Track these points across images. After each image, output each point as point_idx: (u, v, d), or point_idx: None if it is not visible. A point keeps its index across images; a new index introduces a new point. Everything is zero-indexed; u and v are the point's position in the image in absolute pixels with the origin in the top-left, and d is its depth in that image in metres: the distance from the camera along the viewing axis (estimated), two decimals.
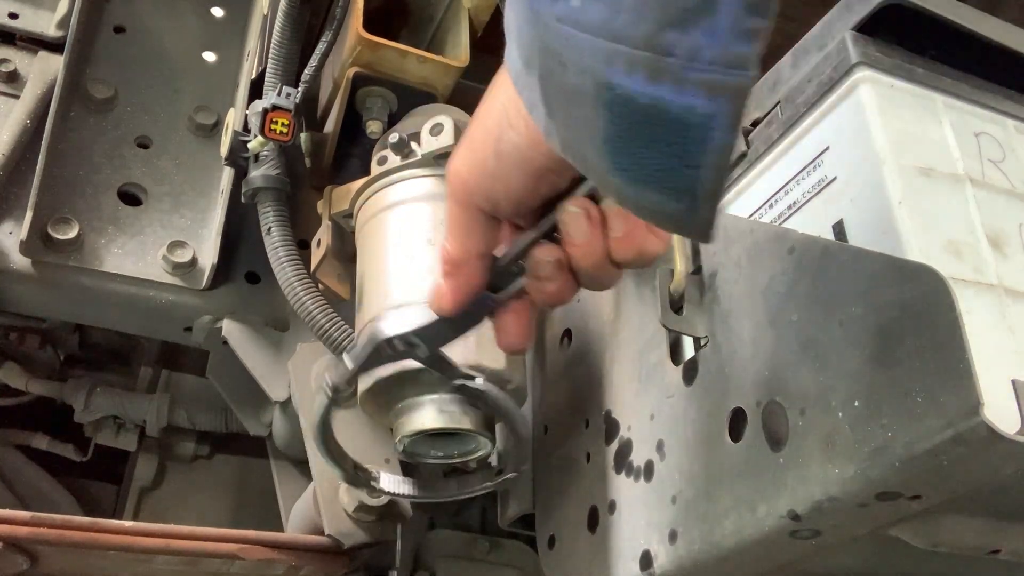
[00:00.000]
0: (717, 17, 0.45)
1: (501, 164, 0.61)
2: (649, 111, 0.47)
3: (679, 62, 0.45)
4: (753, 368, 0.76)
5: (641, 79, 0.46)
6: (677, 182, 0.49)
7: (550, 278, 0.66)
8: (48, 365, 1.48)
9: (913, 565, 0.80)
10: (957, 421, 0.56)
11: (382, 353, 0.74)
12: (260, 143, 1.08)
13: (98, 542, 1.00)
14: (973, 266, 0.70)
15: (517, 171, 0.61)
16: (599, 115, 0.49)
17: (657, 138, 0.48)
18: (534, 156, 0.60)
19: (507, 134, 0.60)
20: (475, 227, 0.67)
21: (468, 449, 0.92)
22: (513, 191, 0.63)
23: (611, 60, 0.47)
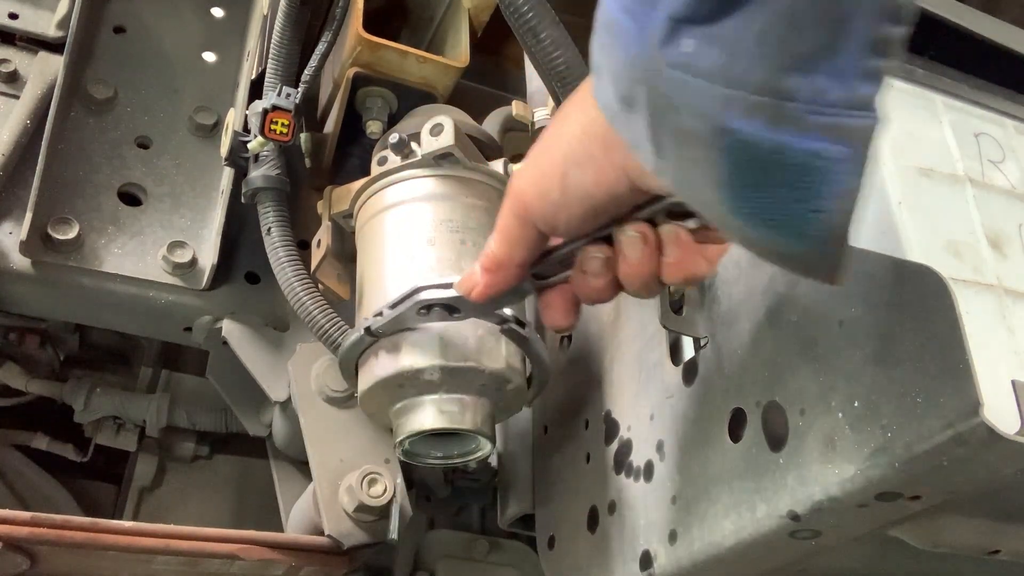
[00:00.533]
0: (840, 59, 0.44)
1: (565, 197, 0.63)
2: (771, 156, 0.46)
3: (802, 106, 0.45)
4: (753, 368, 0.76)
5: (761, 124, 0.46)
6: (803, 226, 0.48)
7: (596, 274, 0.68)
8: (48, 365, 1.47)
9: (913, 565, 0.80)
10: (957, 421, 0.57)
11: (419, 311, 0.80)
12: (260, 143, 1.08)
13: (98, 542, 0.99)
14: (973, 266, 0.70)
15: (580, 205, 0.63)
16: (717, 159, 0.48)
17: (780, 182, 0.47)
18: (597, 194, 0.62)
19: (573, 171, 0.62)
20: (525, 240, 0.69)
21: (468, 449, 0.92)
22: (574, 220, 0.65)
23: (728, 105, 0.46)
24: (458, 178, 0.98)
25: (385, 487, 1.08)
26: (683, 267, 0.64)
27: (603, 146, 0.59)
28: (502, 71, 1.57)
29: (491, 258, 0.71)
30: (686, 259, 0.64)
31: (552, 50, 0.87)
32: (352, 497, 1.07)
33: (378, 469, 1.09)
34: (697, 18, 0.46)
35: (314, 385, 1.16)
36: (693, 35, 0.46)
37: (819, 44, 0.44)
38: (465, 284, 0.75)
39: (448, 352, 0.86)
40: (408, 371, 0.87)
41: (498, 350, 0.89)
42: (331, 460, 1.11)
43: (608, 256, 0.67)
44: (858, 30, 0.44)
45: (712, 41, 0.46)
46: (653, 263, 0.65)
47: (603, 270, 0.67)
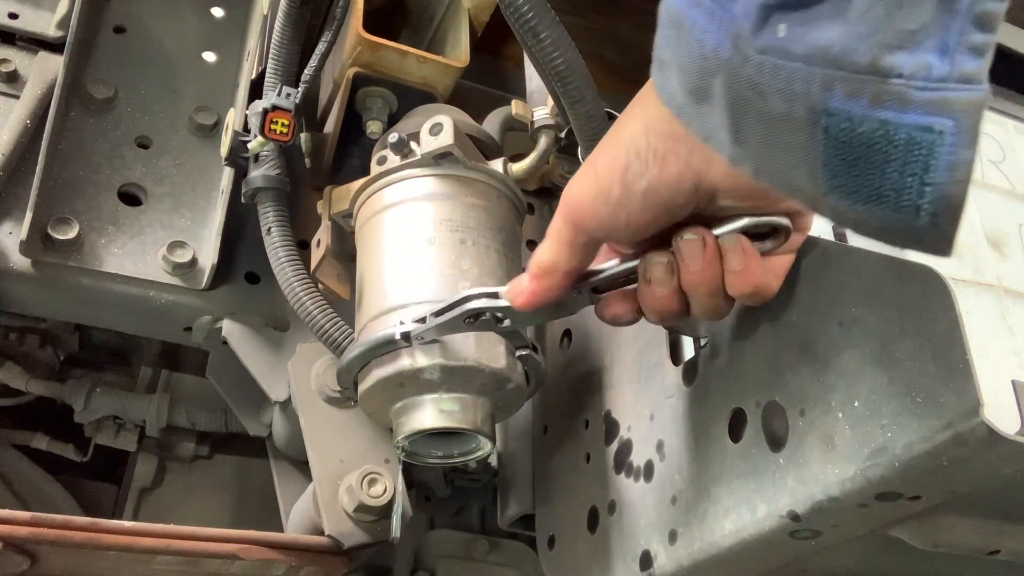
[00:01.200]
0: (946, 34, 0.44)
1: (626, 194, 0.62)
2: (877, 133, 0.46)
3: (908, 83, 0.45)
4: (753, 368, 0.76)
5: (864, 103, 0.46)
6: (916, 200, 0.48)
7: (660, 281, 0.67)
8: (48, 365, 1.47)
9: (913, 566, 0.80)
10: (957, 421, 0.56)
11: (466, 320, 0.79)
12: (260, 143, 1.08)
13: (98, 542, 0.99)
14: (973, 266, 0.70)
15: (642, 203, 0.62)
16: (815, 141, 0.48)
17: (889, 159, 0.47)
18: (660, 190, 0.61)
19: (635, 165, 0.61)
20: (576, 248, 0.68)
21: (468, 449, 0.92)
22: (633, 220, 0.64)
23: (829, 86, 0.46)
24: (457, 177, 0.98)
25: (385, 487, 1.08)
26: (749, 278, 0.64)
27: (668, 139, 0.59)
28: (502, 71, 1.57)
29: (539, 264, 0.70)
30: (751, 269, 0.64)
31: (552, 50, 0.87)
32: (352, 497, 1.07)
33: (378, 469, 1.09)
34: (791, 3, 0.47)
35: (314, 385, 1.16)
36: (787, 20, 0.47)
37: (924, 20, 0.44)
38: (512, 291, 0.74)
39: (448, 351, 0.86)
40: (408, 370, 0.87)
41: (498, 350, 0.89)
42: (331, 460, 1.11)
43: (671, 261, 0.66)
44: (962, 6, 0.44)
45: (809, 24, 0.46)
46: (715, 270, 0.64)
47: (666, 276, 0.66)
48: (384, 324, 0.90)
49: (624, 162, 0.62)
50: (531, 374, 0.93)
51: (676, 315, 0.69)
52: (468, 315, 0.78)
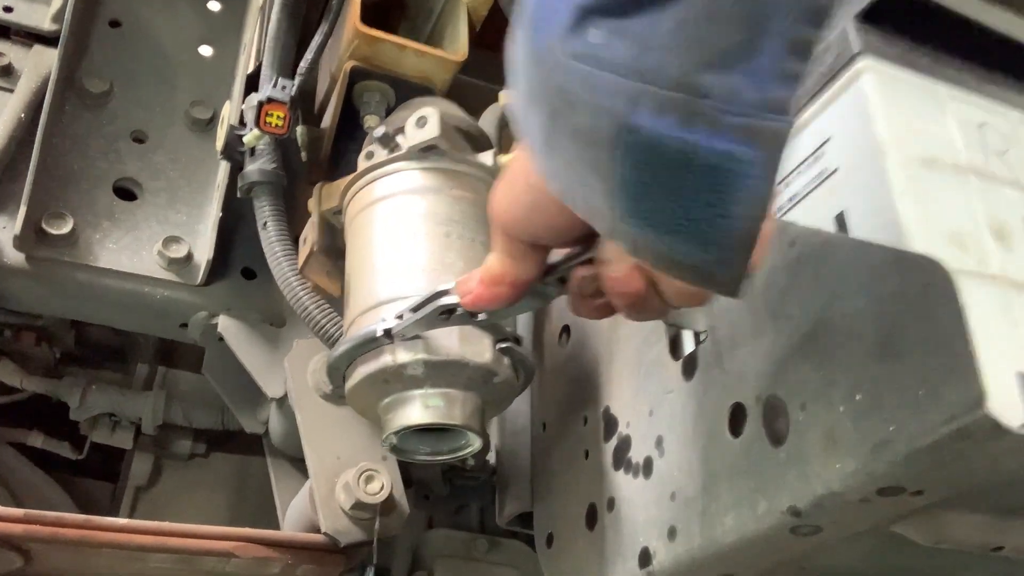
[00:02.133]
0: (759, 58, 0.42)
1: (535, 196, 0.59)
2: (678, 156, 0.44)
3: (716, 104, 0.43)
4: (753, 363, 0.75)
5: (672, 122, 0.44)
6: (707, 232, 0.46)
7: (618, 258, 0.61)
8: (44, 362, 1.46)
9: (914, 562, 0.79)
10: (960, 414, 0.56)
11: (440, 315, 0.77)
12: (256, 136, 1.07)
13: (92, 540, 0.99)
14: (977, 258, 0.69)
15: (552, 203, 0.58)
16: (615, 159, 0.46)
17: (686, 185, 0.45)
18: None
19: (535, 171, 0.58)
20: (515, 257, 0.65)
21: (457, 445, 0.91)
22: (554, 223, 0.60)
23: (637, 101, 0.44)
24: (444, 170, 0.97)
25: (382, 484, 1.07)
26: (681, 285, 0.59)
27: None
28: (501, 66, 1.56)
29: (488, 272, 0.67)
30: None
31: None
32: (349, 494, 1.06)
33: (375, 466, 1.08)
34: (609, 9, 0.44)
35: (311, 381, 1.15)
36: (603, 26, 0.44)
37: (737, 42, 0.42)
38: (460, 288, 0.72)
39: (431, 346, 0.85)
40: (391, 367, 0.86)
41: (483, 344, 0.87)
42: (328, 457, 1.10)
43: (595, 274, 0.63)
44: (777, 30, 0.42)
45: (624, 33, 0.44)
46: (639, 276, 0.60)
47: (621, 253, 0.61)
48: (371, 320, 0.89)
49: (527, 163, 0.58)
50: (518, 367, 0.92)
51: (644, 298, 0.62)
52: (442, 310, 0.76)
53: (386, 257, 0.93)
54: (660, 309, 0.64)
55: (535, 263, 0.66)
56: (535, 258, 0.66)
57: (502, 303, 0.68)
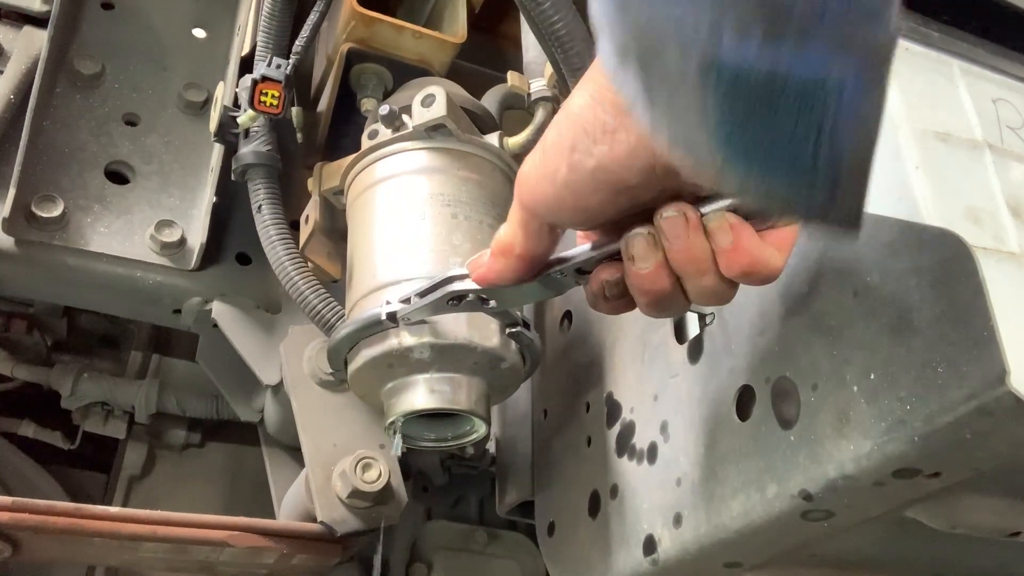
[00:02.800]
0: None
1: (574, 175, 0.56)
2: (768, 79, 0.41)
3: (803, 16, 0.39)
4: (762, 344, 0.73)
5: (757, 42, 0.40)
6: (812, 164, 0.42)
7: (643, 257, 0.59)
8: (35, 351, 1.45)
9: (928, 548, 0.77)
10: (981, 391, 0.54)
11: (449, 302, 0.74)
12: (250, 117, 1.05)
13: (82, 528, 0.97)
14: (993, 234, 0.67)
15: (591, 184, 0.55)
16: (707, 95, 0.43)
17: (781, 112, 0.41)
18: (611, 169, 0.54)
19: (582, 142, 0.55)
20: (530, 231, 0.62)
21: (462, 431, 0.89)
22: (583, 203, 0.57)
23: (719, 26, 0.41)
24: (450, 150, 0.95)
25: (380, 472, 1.05)
26: (741, 256, 0.56)
27: (617, 112, 0.52)
28: (499, 51, 1.54)
29: (497, 242, 0.65)
30: (743, 246, 0.56)
31: (552, 13, 0.84)
32: (346, 483, 1.04)
33: (372, 454, 1.06)
34: None
35: (307, 368, 1.13)
36: None
37: None
38: (472, 264, 0.69)
39: (438, 330, 0.83)
40: (397, 350, 0.84)
41: (491, 328, 0.86)
42: (324, 445, 1.08)
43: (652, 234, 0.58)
44: None
45: None
46: (702, 248, 0.57)
47: (649, 250, 0.58)
48: (374, 302, 0.87)
49: (571, 139, 0.55)
50: (525, 352, 0.90)
51: (668, 297, 0.61)
52: (451, 296, 0.73)
53: (390, 238, 0.91)
54: (682, 307, 0.62)
55: (549, 241, 0.63)
56: (549, 237, 0.63)
57: (509, 276, 0.66)
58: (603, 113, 0.53)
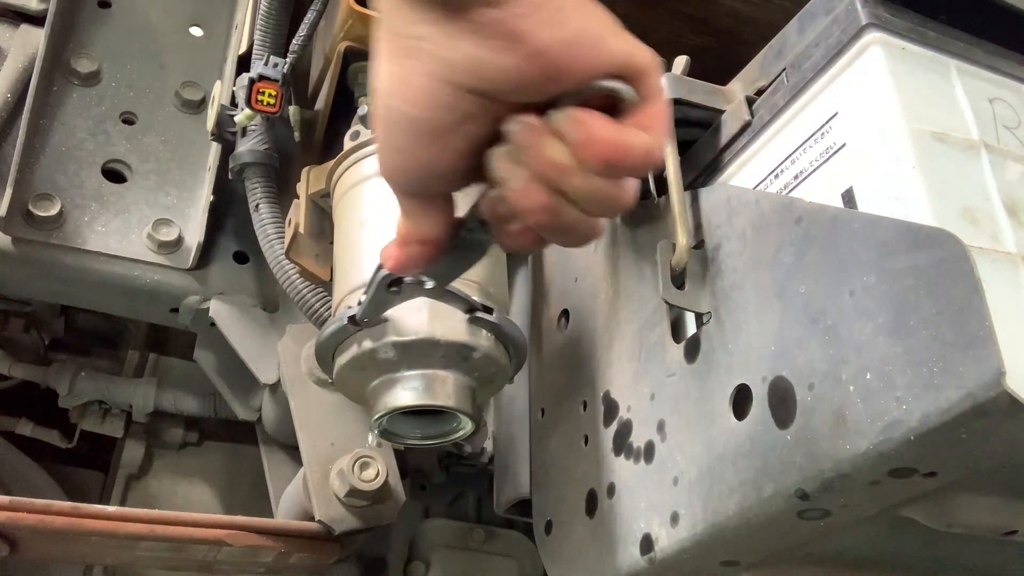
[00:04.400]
0: None
1: (396, 136, 0.55)
2: None
3: None
4: (758, 343, 0.73)
5: None
6: None
7: (511, 175, 0.56)
8: (33, 349, 1.44)
9: (924, 547, 0.77)
10: (977, 391, 0.54)
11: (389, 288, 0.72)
12: (247, 116, 1.05)
13: (79, 527, 0.96)
14: (990, 234, 0.67)
15: (413, 137, 0.54)
16: None
17: None
18: (417, 116, 0.53)
19: (387, 100, 0.54)
20: (413, 213, 0.60)
21: (448, 428, 0.89)
22: (422, 160, 0.55)
23: None
24: None
25: (378, 471, 1.05)
26: (599, 144, 0.53)
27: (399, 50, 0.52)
28: None
29: (399, 233, 0.63)
30: (598, 135, 0.53)
31: None
32: (343, 481, 1.04)
33: (370, 453, 1.06)
34: None
35: (304, 367, 1.13)
36: None
37: None
38: (383, 254, 0.66)
39: (400, 327, 0.83)
40: (364, 353, 0.84)
41: (455, 319, 0.84)
42: (322, 444, 1.08)
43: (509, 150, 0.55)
44: None
45: None
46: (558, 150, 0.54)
47: (513, 166, 0.55)
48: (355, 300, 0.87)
49: (380, 103, 0.54)
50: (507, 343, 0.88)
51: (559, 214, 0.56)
52: (388, 283, 0.72)
53: (373, 237, 0.91)
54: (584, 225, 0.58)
55: (435, 216, 0.61)
56: (433, 211, 0.61)
57: (421, 262, 0.64)
58: (390, 60, 0.53)
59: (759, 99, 0.85)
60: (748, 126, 0.85)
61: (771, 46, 0.86)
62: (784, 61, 0.83)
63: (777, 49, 0.85)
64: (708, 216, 0.84)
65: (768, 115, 0.83)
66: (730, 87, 0.89)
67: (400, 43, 0.52)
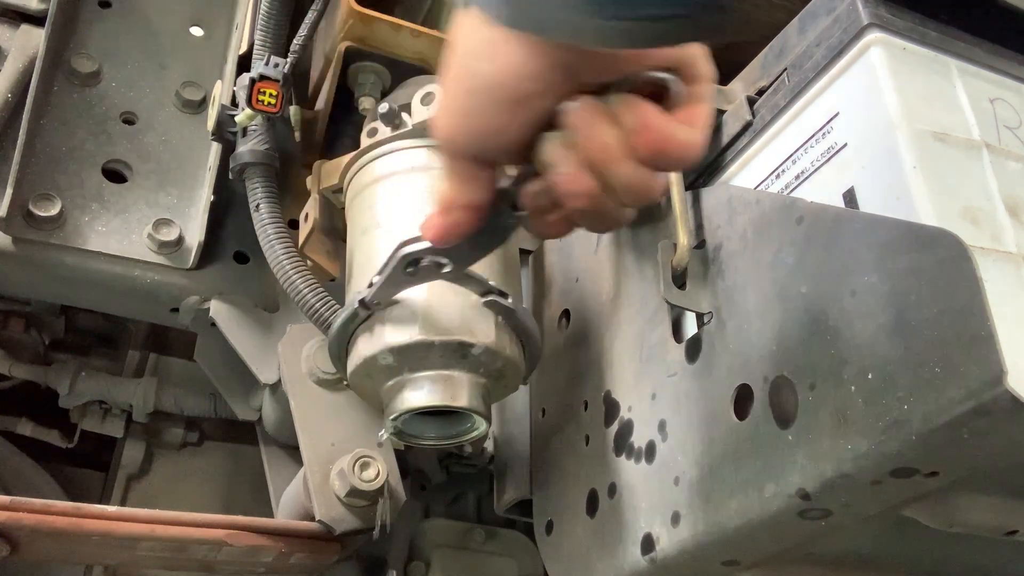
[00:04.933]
0: None
1: (473, 100, 0.58)
2: None
3: None
4: (760, 343, 0.73)
5: None
6: None
7: (561, 160, 0.60)
8: (33, 349, 1.44)
9: (925, 547, 0.77)
10: (979, 391, 0.54)
11: (406, 269, 0.74)
12: (248, 116, 1.05)
13: (80, 528, 0.96)
14: (991, 234, 0.67)
15: (492, 104, 0.58)
16: None
17: None
18: (505, 83, 0.57)
19: (471, 65, 0.58)
20: (461, 176, 0.63)
21: (462, 429, 0.89)
22: (492, 126, 0.59)
23: None
24: None
25: (378, 471, 1.05)
26: (653, 134, 0.56)
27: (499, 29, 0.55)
28: None
29: (440, 199, 0.66)
30: (653, 124, 0.56)
31: None
32: (344, 482, 1.04)
33: (370, 453, 1.06)
34: None
35: (304, 367, 1.13)
36: None
37: None
38: (424, 224, 0.69)
39: (394, 332, 0.84)
40: (366, 360, 0.85)
41: (449, 318, 0.85)
42: (322, 444, 1.08)
43: (565, 136, 0.59)
44: None
45: None
46: (614, 134, 0.57)
47: (565, 152, 0.59)
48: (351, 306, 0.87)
49: (463, 68, 0.58)
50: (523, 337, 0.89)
51: (597, 200, 0.60)
52: (406, 264, 0.73)
53: (390, 237, 0.90)
54: (617, 212, 0.62)
55: (483, 183, 0.64)
56: (482, 177, 0.63)
57: (460, 231, 0.66)
58: (488, 33, 0.56)
59: (760, 99, 0.85)
60: (749, 126, 0.85)
61: (772, 46, 0.86)
62: (785, 61, 0.83)
63: (778, 49, 0.85)
64: (709, 216, 0.84)
65: (769, 115, 0.83)
66: (731, 87, 0.89)
67: None
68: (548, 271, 1.16)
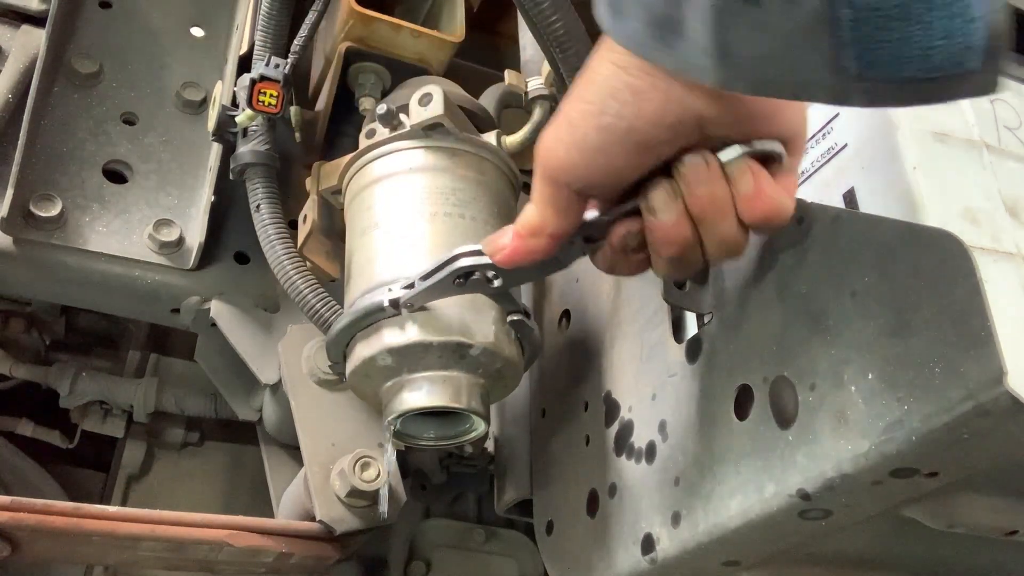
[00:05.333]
0: None
1: (603, 138, 0.59)
2: None
3: None
4: (760, 343, 0.73)
5: None
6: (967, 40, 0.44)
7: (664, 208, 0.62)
8: (34, 350, 1.44)
9: (926, 547, 0.77)
10: (978, 391, 0.54)
11: (456, 280, 0.75)
12: (248, 116, 1.05)
13: (80, 528, 0.96)
14: (991, 234, 0.67)
15: (622, 145, 0.59)
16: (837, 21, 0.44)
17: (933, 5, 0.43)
18: (641, 128, 0.58)
19: (611, 106, 0.58)
20: (559, 207, 0.64)
21: (462, 429, 0.89)
22: (615, 165, 0.60)
23: None
24: (448, 149, 0.94)
25: (378, 471, 1.05)
26: (764, 200, 0.59)
27: (645, 74, 0.56)
28: (497, 50, 1.54)
29: (525, 225, 0.66)
30: (765, 191, 0.59)
31: (550, 13, 0.84)
32: (344, 482, 1.04)
33: (371, 453, 1.06)
34: None
35: (305, 367, 1.13)
36: None
37: None
38: (491, 246, 0.70)
39: (392, 333, 0.84)
40: (364, 360, 0.85)
41: (445, 318, 0.84)
42: (322, 444, 1.08)
43: (673, 185, 0.61)
44: None
45: None
46: (724, 193, 0.60)
47: (670, 200, 0.61)
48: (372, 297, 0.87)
49: (599, 105, 0.58)
50: (524, 343, 0.89)
51: (688, 249, 0.63)
52: (458, 274, 0.74)
53: (388, 238, 0.90)
54: (697, 264, 0.64)
55: (576, 215, 0.65)
56: (577, 210, 0.65)
57: (537, 256, 0.67)
58: (631, 77, 0.57)
59: None
60: None
61: None
62: None
63: None
64: None
65: None
66: None
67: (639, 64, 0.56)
68: None
